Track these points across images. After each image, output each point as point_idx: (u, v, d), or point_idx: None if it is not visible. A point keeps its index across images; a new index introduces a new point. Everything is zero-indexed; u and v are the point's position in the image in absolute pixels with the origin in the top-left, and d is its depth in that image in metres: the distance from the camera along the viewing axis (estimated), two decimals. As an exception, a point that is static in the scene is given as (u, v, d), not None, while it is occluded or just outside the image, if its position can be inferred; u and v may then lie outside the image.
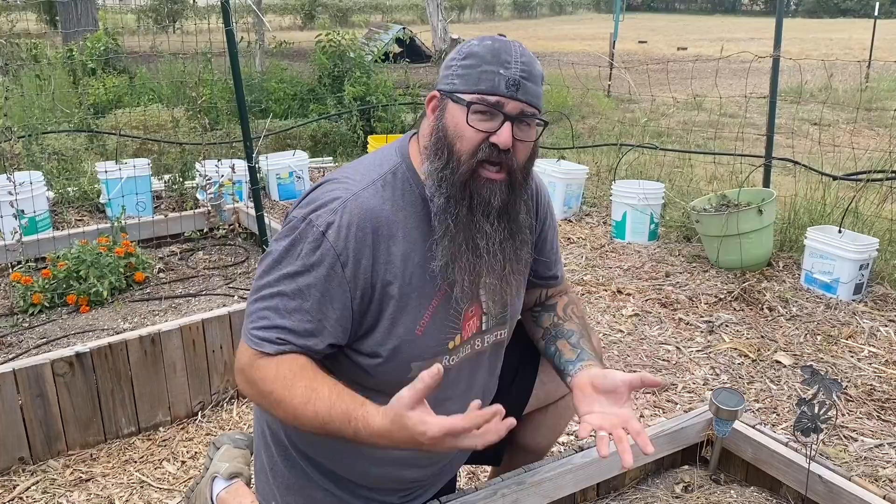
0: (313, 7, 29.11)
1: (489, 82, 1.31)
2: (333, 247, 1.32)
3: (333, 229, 1.32)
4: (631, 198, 4.34)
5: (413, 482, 1.62)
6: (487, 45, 1.34)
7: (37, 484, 2.23)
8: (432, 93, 1.40)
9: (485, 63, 1.32)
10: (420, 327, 1.40)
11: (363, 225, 1.33)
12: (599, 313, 3.44)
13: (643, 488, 2.09)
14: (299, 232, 1.34)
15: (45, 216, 4.24)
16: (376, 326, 1.38)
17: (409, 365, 1.42)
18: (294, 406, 1.28)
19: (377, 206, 1.36)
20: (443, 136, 1.35)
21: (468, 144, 1.33)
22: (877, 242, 3.54)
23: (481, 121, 1.32)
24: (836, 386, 1.81)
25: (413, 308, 1.39)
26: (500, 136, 1.32)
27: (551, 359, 1.61)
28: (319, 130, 6.87)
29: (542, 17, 44.91)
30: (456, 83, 1.35)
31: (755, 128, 7.05)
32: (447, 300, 1.41)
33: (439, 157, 1.35)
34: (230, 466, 1.71)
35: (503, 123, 1.32)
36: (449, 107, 1.35)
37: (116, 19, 13.97)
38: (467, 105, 1.32)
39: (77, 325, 3.13)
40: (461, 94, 1.33)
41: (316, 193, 1.40)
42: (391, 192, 1.39)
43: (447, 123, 1.35)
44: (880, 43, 13.11)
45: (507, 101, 1.32)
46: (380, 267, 1.35)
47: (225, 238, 4.22)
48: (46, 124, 5.93)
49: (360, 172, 1.42)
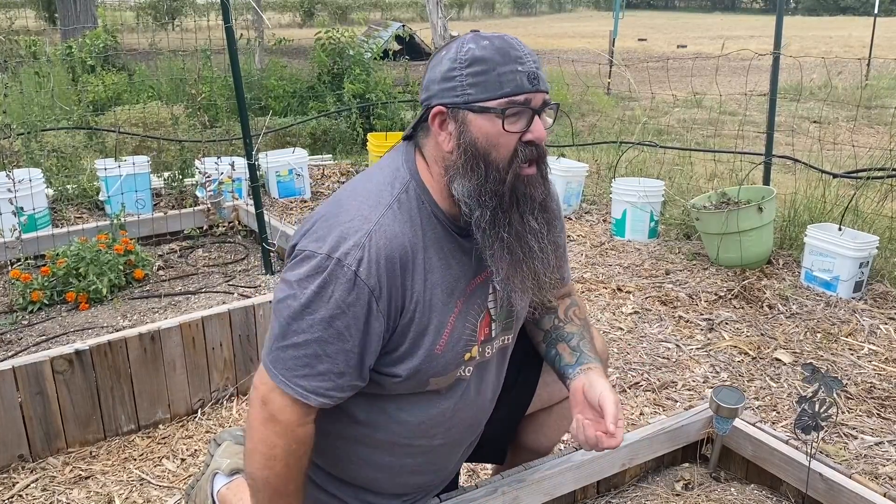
0: (312, 4, 29.07)
1: (513, 83, 1.27)
2: (367, 283, 1.27)
3: (364, 266, 1.26)
4: (631, 195, 4.34)
5: (419, 487, 1.62)
6: (489, 47, 1.29)
7: (36, 481, 2.23)
8: (436, 109, 1.31)
9: (499, 66, 1.27)
10: (440, 346, 1.39)
11: (391, 256, 1.29)
12: (599, 311, 3.44)
13: (643, 486, 2.09)
14: (329, 273, 1.26)
15: (45, 214, 4.23)
16: (397, 349, 1.37)
17: (427, 381, 1.42)
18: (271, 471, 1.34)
19: (399, 233, 1.31)
20: (473, 152, 1.29)
21: (505, 151, 1.29)
22: (877, 240, 3.53)
23: (513, 123, 1.29)
24: (837, 384, 1.81)
25: (433, 329, 1.37)
26: (535, 131, 1.29)
27: (551, 362, 1.60)
28: (319, 128, 6.86)
29: (542, 14, 44.88)
30: (471, 93, 1.28)
31: (755, 125, 7.05)
32: (464, 314, 1.40)
33: (476, 174, 1.30)
34: (231, 463, 1.71)
35: (532, 119, 1.29)
36: (471, 119, 1.29)
37: (115, 16, 13.95)
38: (501, 112, 1.27)
39: (76, 322, 3.13)
40: (485, 104, 1.28)
41: (329, 223, 1.32)
42: (407, 214, 1.34)
43: (475, 137, 1.29)
44: (880, 41, 13.10)
45: (533, 96, 1.29)
46: (407, 294, 1.33)
47: (224, 235, 4.21)
48: (45, 122, 5.92)
49: (372, 196, 1.35)
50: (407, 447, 1.49)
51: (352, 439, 1.49)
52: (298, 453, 1.35)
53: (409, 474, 1.54)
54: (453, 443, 1.57)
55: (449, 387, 1.46)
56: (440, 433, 1.51)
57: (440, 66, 1.32)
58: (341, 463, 1.52)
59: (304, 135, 6.80)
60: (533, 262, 1.35)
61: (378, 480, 1.53)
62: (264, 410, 1.33)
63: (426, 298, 1.35)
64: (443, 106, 1.31)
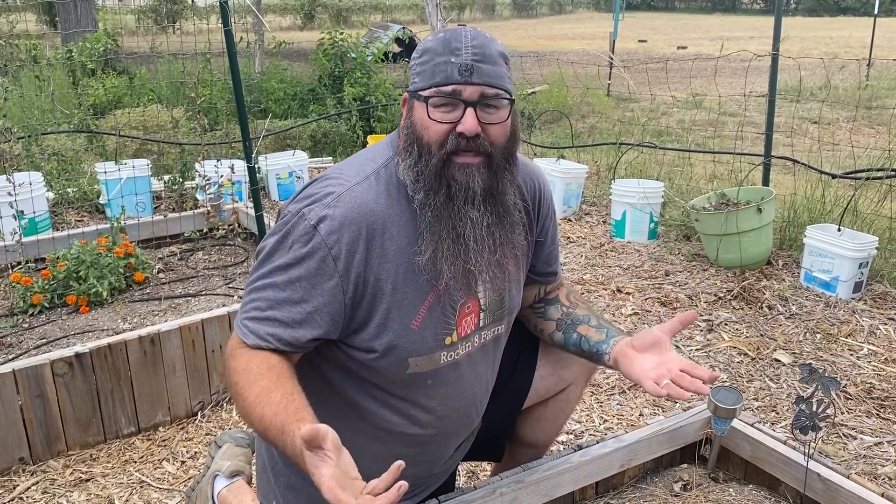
0: (313, 7, 29.09)
1: (443, 73, 1.33)
2: (325, 240, 1.32)
3: (326, 223, 1.33)
4: (630, 197, 4.34)
5: (413, 478, 1.62)
6: (440, 38, 1.36)
7: (37, 484, 2.24)
8: (404, 95, 1.42)
9: (436, 56, 1.34)
10: (416, 322, 1.40)
11: (357, 219, 1.34)
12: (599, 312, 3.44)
13: (642, 487, 2.10)
14: (291, 225, 1.35)
15: (45, 217, 4.24)
16: (369, 321, 1.38)
17: (405, 360, 1.42)
18: (248, 403, 1.28)
19: (371, 201, 1.36)
20: (411, 133, 1.37)
21: (435, 136, 1.34)
22: (876, 241, 3.53)
23: (444, 112, 1.33)
24: (835, 384, 1.81)
25: (408, 303, 1.39)
26: (465, 123, 1.32)
27: (575, 346, 1.62)
28: (319, 130, 6.87)
29: (542, 16, 44.87)
30: (416, 81, 1.37)
31: (755, 126, 7.05)
32: (445, 294, 1.41)
33: (411, 154, 1.37)
34: (231, 465, 1.71)
35: (465, 110, 1.32)
36: (414, 105, 1.38)
37: (116, 20, 13.97)
38: (425, 100, 1.34)
39: (77, 325, 3.14)
40: (421, 91, 1.35)
41: (310, 189, 1.41)
42: (385, 186, 1.39)
43: (414, 121, 1.37)
44: (880, 41, 13.10)
45: (463, 88, 1.32)
46: (373, 262, 1.35)
47: (224, 238, 4.22)
48: (46, 125, 5.93)
49: (353, 167, 1.43)
50: (399, 435, 1.50)
51: (342, 426, 1.49)
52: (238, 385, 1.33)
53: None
54: (447, 434, 1.57)
55: (435, 372, 1.47)
56: (432, 422, 1.51)
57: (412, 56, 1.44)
58: None
59: (304, 137, 6.81)
60: (459, 249, 1.36)
61: (370, 469, 1.54)
62: (226, 353, 1.40)
63: (399, 271, 1.37)
64: (407, 92, 1.41)
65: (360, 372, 1.44)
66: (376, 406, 1.47)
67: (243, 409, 1.29)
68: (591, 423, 2.57)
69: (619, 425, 2.55)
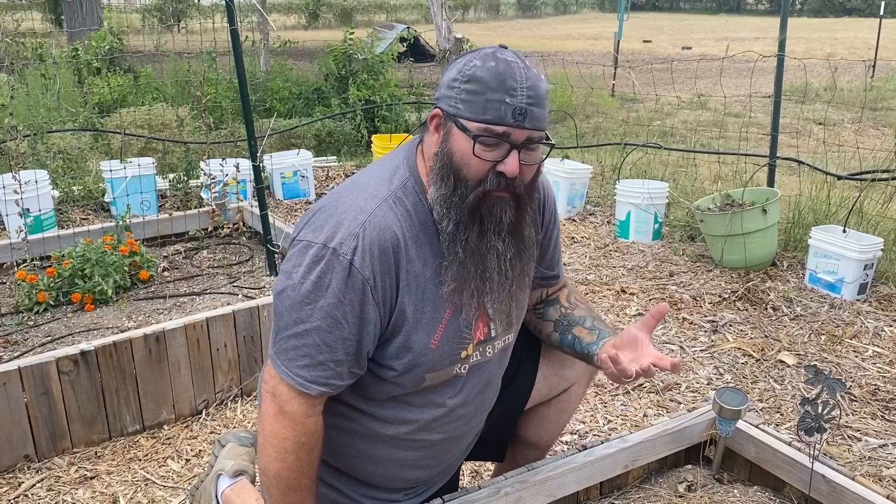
0: (318, 6, 29.11)
1: (495, 112, 1.28)
2: (361, 272, 1.30)
3: (359, 255, 1.30)
4: (635, 197, 4.34)
5: (417, 482, 1.63)
6: (492, 69, 1.29)
7: (42, 481, 2.24)
8: (435, 110, 1.36)
9: (490, 91, 1.28)
10: (434, 341, 1.40)
11: (384, 246, 1.32)
12: (603, 313, 3.44)
13: (646, 487, 2.09)
14: (325, 263, 1.30)
15: (50, 215, 4.25)
16: (391, 342, 1.39)
17: (423, 376, 1.43)
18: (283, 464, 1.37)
19: (394, 225, 1.34)
20: (448, 163, 1.33)
21: (475, 173, 1.31)
22: (881, 242, 3.53)
23: (488, 150, 1.30)
24: (840, 385, 1.81)
25: (427, 323, 1.39)
26: (507, 165, 1.30)
27: (570, 347, 1.63)
28: (324, 130, 6.87)
29: (547, 16, 44.87)
30: (460, 108, 1.30)
31: (759, 127, 7.04)
32: (458, 312, 1.42)
33: (446, 184, 1.33)
34: (235, 464, 1.72)
35: (510, 152, 1.30)
36: (454, 132, 1.32)
37: (121, 18, 14.01)
38: (473, 137, 1.29)
39: (82, 323, 3.14)
40: (466, 122, 1.30)
41: (327, 213, 1.36)
42: (403, 208, 1.37)
43: (452, 150, 1.32)
44: (885, 42, 13.08)
45: (513, 131, 1.29)
46: (401, 285, 1.35)
47: (229, 237, 4.22)
48: (51, 123, 5.95)
49: (370, 187, 1.39)
50: (407, 441, 1.51)
51: (351, 432, 1.50)
52: (308, 445, 1.37)
53: (408, 468, 1.56)
54: (454, 438, 1.58)
55: (447, 384, 1.47)
56: (440, 428, 1.52)
57: (451, 71, 1.35)
58: (340, 455, 1.53)
59: (308, 136, 6.81)
60: (483, 286, 1.37)
61: (378, 473, 1.54)
62: (274, 403, 1.36)
63: (419, 292, 1.37)
64: (440, 110, 1.35)
65: (375, 384, 1.45)
66: (385, 414, 1.48)
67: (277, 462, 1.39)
68: (596, 423, 2.57)
69: (623, 426, 2.55)
